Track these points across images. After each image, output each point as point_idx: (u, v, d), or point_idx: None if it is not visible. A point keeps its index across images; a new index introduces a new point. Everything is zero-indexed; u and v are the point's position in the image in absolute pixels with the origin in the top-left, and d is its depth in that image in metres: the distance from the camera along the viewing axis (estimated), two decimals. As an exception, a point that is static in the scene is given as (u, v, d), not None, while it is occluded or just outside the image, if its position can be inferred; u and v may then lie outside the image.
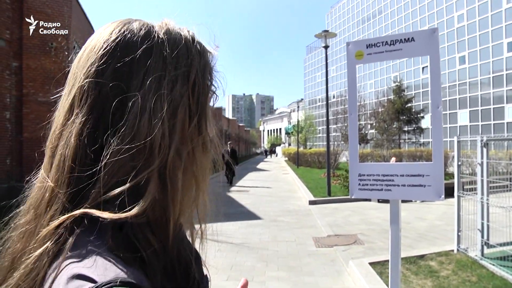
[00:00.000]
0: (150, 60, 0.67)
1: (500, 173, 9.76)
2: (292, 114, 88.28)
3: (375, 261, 6.66)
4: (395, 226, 2.08)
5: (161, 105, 0.66)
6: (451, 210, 10.44)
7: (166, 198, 0.65)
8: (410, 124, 36.34)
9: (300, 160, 34.51)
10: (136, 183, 0.61)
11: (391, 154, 23.83)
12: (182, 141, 0.68)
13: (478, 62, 47.72)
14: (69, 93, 0.70)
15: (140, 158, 0.63)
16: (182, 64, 0.70)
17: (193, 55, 0.73)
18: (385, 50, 2.08)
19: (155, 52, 0.69)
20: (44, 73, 13.40)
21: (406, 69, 59.29)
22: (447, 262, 6.59)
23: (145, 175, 0.62)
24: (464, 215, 7.17)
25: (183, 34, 0.74)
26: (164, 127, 0.65)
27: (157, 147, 0.64)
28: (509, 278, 5.68)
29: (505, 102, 44.24)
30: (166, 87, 0.67)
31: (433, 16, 55.19)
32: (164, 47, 0.70)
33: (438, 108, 1.93)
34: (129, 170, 0.62)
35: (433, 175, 1.97)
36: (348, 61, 2.23)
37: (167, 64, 0.69)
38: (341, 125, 39.17)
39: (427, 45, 1.97)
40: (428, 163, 2.00)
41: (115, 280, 0.51)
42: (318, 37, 16.90)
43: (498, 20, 45.22)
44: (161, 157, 0.64)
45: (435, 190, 1.97)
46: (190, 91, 0.70)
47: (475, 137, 7.04)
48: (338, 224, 10.58)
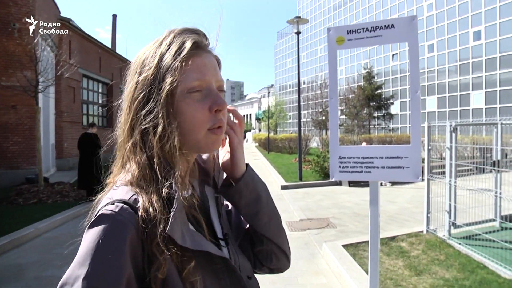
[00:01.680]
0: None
1: (465, 157, 10.07)
2: (262, 100, 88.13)
3: (348, 244, 6.83)
4: (375, 207, 2.16)
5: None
6: (419, 194, 10.76)
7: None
8: (380, 110, 36.86)
9: (271, 146, 34.55)
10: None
11: (361, 139, 24.21)
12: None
13: (446, 50, 48.68)
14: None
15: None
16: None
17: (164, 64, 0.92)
18: (366, 36, 2.14)
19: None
20: (7, 55, 12.78)
21: (377, 56, 59.91)
22: (417, 242, 6.82)
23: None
24: (433, 197, 7.41)
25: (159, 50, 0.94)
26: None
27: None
28: (473, 255, 5.97)
29: (471, 89, 45.39)
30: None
31: (403, 5, 55.81)
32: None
33: (417, 93, 2.00)
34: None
35: (411, 157, 2.05)
36: (329, 46, 2.28)
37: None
38: (311, 110, 39.39)
39: (406, 32, 2.04)
40: (407, 146, 2.07)
41: (118, 199, 0.83)
42: (290, 23, 16.85)
43: (465, 10, 46.14)
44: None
45: (413, 171, 2.05)
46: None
47: (444, 122, 7.25)
48: (310, 208, 10.75)
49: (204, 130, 0.94)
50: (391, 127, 39.56)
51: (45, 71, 12.08)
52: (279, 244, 1.17)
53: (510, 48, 40.82)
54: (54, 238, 7.78)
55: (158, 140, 0.88)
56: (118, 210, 0.80)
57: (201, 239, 0.90)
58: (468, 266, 5.64)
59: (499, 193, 6.77)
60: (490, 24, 42.97)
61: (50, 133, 17.28)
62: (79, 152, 11.18)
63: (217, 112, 0.94)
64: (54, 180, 13.76)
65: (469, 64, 45.54)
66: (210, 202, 1.09)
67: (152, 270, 0.80)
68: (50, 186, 12.31)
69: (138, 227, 0.80)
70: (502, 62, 41.74)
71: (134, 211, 0.82)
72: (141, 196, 0.85)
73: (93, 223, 0.80)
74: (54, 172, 17.46)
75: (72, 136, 18.46)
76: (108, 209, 0.81)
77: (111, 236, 0.77)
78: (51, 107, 17.38)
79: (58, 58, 13.99)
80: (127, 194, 0.86)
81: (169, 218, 0.81)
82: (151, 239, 0.81)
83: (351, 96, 37.58)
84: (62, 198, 11.02)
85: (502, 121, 6.98)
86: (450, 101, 48.20)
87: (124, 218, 0.80)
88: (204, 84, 0.94)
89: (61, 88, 17.78)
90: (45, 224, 8.29)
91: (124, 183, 0.90)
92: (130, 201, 0.84)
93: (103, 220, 0.79)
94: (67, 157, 18.74)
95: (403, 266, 5.76)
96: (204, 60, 0.96)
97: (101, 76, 24.23)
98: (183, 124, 0.92)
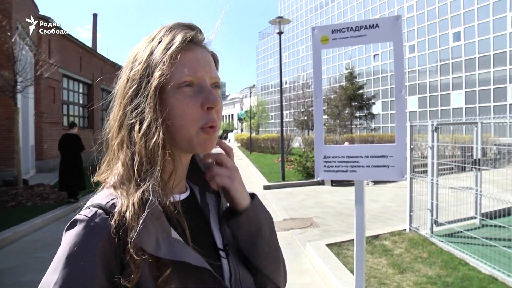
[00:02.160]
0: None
1: (446, 156, 10.20)
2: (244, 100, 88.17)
3: (331, 243, 6.85)
4: (360, 206, 2.16)
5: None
6: (402, 192, 10.86)
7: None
8: (362, 110, 37.27)
9: (253, 146, 34.53)
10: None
11: (343, 139, 24.35)
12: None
13: (426, 51, 49.41)
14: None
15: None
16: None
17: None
18: (350, 35, 2.14)
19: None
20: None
21: (358, 57, 60.44)
22: (400, 240, 6.89)
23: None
24: (415, 196, 7.50)
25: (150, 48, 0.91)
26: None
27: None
28: (455, 252, 6.06)
29: (451, 89, 46.16)
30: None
31: (384, 6, 56.45)
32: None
33: (401, 92, 2.01)
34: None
35: (396, 156, 2.05)
36: (313, 45, 2.27)
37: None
38: (293, 110, 39.54)
39: (391, 31, 2.05)
40: (392, 145, 2.08)
41: (94, 204, 0.83)
42: (272, 23, 16.86)
43: (444, 11, 46.88)
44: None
45: (398, 170, 2.06)
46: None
47: (426, 122, 7.35)
48: (293, 208, 10.77)
49: (196, 128, 0.89)
50: (373, 126, 39.99)
51: (24, 71, 11.87)
52: (274, 279, 1.11)
53: (488, 49, 41.58)
54: (34, 241, 7.60)
55: (143, 136, 0.85)
56: (91, 215, 0.79)
57: (181, 248, 0.83)
58: (450, 263, 5.73)
59: (480, 191, 6.87)
60: (469, 25, 43.74)
61: (29, 134, 16.96)
62: (60, 153, 10.99)
63: (209, 109, 0.90)
64: (34, 182, 13.50)
65: (449, 64, 46.31)
66: (211, 210, 1.05)
67: (123, 278, 0.77)
68: (30, 188, 12.07)
69: (110, 234, 0.78)
70: (481, 63, 42.51)
71: (108, 216, 0.80)
72: (120, 200, 0.82)
73: (67, 227, 0.80)
74: (34, 174, 17.16)
75: (53, 137, 18.12)
76: (82, 214, 0.80)
77: (82, 242, 0.76)
78: (30, 107, 17.05)
79: (37, 58, 13.74)
80: (106, 198, 0.84)
81: (138, 225, 0.77)
82: (123, 246, 0.78)
83: (333, 96, 37.87)
84: (42, 200, 10.82)
85: (482, 120, 7.10)
86: (431, 101, 48.91)
87: (96, 223, 0.78)
88: (196, 80, 0.90)
89: (40, 88, 17.45)
90: (24, 228, 8.10)
91: (109, 185, 0.88)
92: (107, 206, 0.82)
93: (76, 226, 0.79)
94: (47, 159, 18.42)
95: (387, 264, 5.80)
96: (197, 54, 0.92)
97: (81, 76, 23.89)
98: (173, 120, 0.87)
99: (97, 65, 26.16)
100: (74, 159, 10.62)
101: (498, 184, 6.78)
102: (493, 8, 41.19)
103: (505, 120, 6.56)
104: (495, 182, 6.97)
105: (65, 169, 10.67)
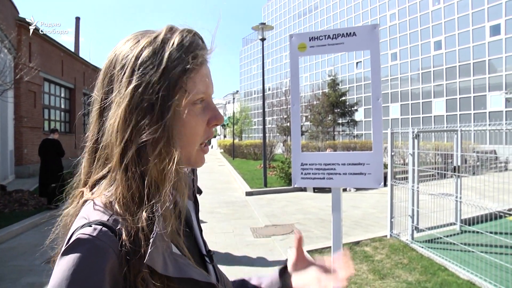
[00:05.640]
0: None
1: (428, 163, 10.31)
2: (227, 106, 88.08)
3: (313, 249, 6.87)
4: (337, 213, 2.16)
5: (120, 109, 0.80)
6: (383, 199, 10.94)
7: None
8: (344, 117, 37.51)
9: (236, 152, 34.51)
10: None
11: (326, 145, 24.50)
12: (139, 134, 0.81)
13: (408, 59, 50.02)
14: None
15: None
16: (151, 69, 0.82)
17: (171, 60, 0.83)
18: (328, 43, 2.15)
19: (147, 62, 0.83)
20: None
21: (341, 64, 60.86)
22: (381, 247, 6.93)
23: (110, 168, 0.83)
24: (396, 202, 7.56)
25: (170, 44, 0.85)
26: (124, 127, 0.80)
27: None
28: (435, 258, 6.13)
29: (433, 97, 46.74)
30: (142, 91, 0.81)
31: (367, 14, 57.04)
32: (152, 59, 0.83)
33: (378, 100, 2.03)
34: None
35: (373, 163, 2.06)
36: (291, 53, 2.28)
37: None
38: (276, 117, 39.62)
39: (368, 40, 2.06)
40: (369, 152, 2.09)
41: (96, 221, 0.75)
42: (255, 30, 16.96)
43: (426, 20, 47.58)
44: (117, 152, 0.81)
45: (375, 177, 2.06)
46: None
47: (406, 129, 7.43)
48: (275, 214, 10.76)
49: (198, 145, 0.90)
50: (356, 133, 40.31)
51: (2, 74, 11.69)
52: None
53: (468, 58, 42.27)
54: (10, 249, 7.42)
55: (157, 156, 0.79)
56: (96, 234, 0.72)
57: (186, 264, 0.82)
58: (430, 268, 5.78)
59: (459, 198, 6.96)
60: (449, 34, 44.42)
61: (8, 139, 16.65)
62: (40, 158, 10.83)
63: (213, 126, 0.91)
64: (12, 187, 13.23)
65: (431, 72, 46.93)
66: (193, 216, 1.04)
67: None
68: (8, 194, 11.86)
69: (119, 254, 0.72)
70: (461, 71, 43.16)
71: (114, 234, 0.73)
72: (124, 218, 0.76)
73: (68, 249, 0.71)
74: (12, 179, 16.85)
75: (33, 142, 17.83)
76: (85, 233, 0.72)
77: (89, 264, 0.69)
78: (10, 111, 16.74)
79: (17, 61, 13.54)
80: (105, 215, 0.77)
81: (149, 246, 0.73)
82: (134, 269, 0.73)
83: (316, 103, 38.05)
84: (20, 206, 10.60)
85: (462, 127, 7.20)
86: (412, 108, 49.45)
87: (103, 243, 0.71)
88: (206, 96, 0.89)
89: (20, 92, 17.16)
90: (0, 235, 7.87)
91: (104, 200, 0.80)
92: (109, 223, 0.75)
93: (80, 246, 0.70)
94: (27, 164, 18.09)
95: (367, 270, 5.83)
96: (206, 70, 0.90)
97: (63, 81, 23.56)
98: (183, 137, 0.85)
99: (80, 69, 25.88)
100: (54, 165, 10.47)
101: (478, 190, 6.88)
102: (472, 18, 41.93)
103: (484, 127, 6.65)
104: (475, 188, 7.08)
105: (45, 175, 10.51)
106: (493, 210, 5.78)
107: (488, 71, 40.44)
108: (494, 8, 39.51)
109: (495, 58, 39.76)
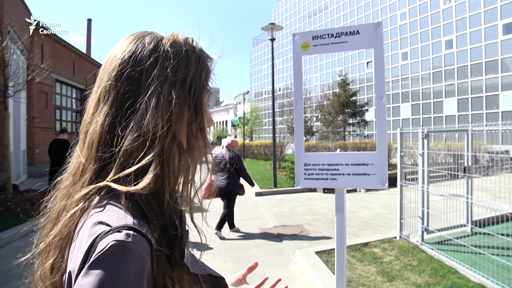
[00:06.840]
0: (155, 69, 0.85)
1: (439, 163, 10.21)
2: (238, 107, 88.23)
3: (321, 250, 6.81)
4: (340, 214, 2.13)
5: (161, 105, 0.83)
6: (393, 200, 10.85)
7: (163, 176, 0.82)
8: (355, 117, 37.32)
9: (247, 152, 34.57)
10: (142, 165, 0.79)
11: (336, 146, 24.40)
12: (179, 132, 0.86)
13: (419, 58, 49.71)
14: (96, 90, 0.90)
15: (145, 145, 0.80)
16: (181, 71, 0.87)
17: (191, 62, 0.90)
18: (331, 42, 2.12)
19: (160, 63, 0.86)
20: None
21: (351, 64, 60.70)
22: (390, 248, 6.86)
23: (149, 159, 0.80)
24: (406, 203, 7.50)
25: (186, 45, 0.92)
26: (163, 122, 0.82)
27: (157, 137, 0.81)
28: (445, 260, 6.04)
29: (444, 97, 46.39)
30: (166, 90, 0.84)
31: (377, 13, 56.78)
32: (168, 58, 0.87)
33: (382, 99, 1.99)
34: (138, 154, 0.80)
35: (377, 164, 2.02)
36: (294, 52, 2.25)
37: (169, 71, 0.86)
38: (287, 117, 39.56)
39: (371, 39, 2.02)
40: (372, 153, 2.05)
41: (124, 226, 0.71)
42: (265, 30, 16.93)
43: (437, 19, 47.25)
44: (160, 145, 0.81)
45: (379, 178, 2.03)
46: (187, 92, 0.88)
47: (416, 129, 7.34)
48: (284, 215, 10.73)
49: None
50: (366, 133, 40.09)
51: (15, 76, 11.78)
52: None
53: (480, 57, 41.87)
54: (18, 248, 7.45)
55: (188, 153, 0.89)
56: (131, 239, 0.69)
57: (201, 262, 0.90)
58: (440, 271, 5.70)
59: (470, 199, 6.86)
60: (461, 33, 44.04)
61: (21, 139, 16.81)
62: (50, 158, 10.92)
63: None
64: (25, 187, 13.39)
65: (442, 72, 46.56)
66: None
67: None
68: (20, 193, 11.97)
69: (151, 257, 0.72)
70: (473, 70, 42.77)
71: (145, 238, 0.72)
72: (147, 221, 0.77)
73: (101, 258, 0.67)
74: (25, 179, 17.01)
75: (45, 143, 17.95)
76: (119, 239, 0.68)
77: (131, 272, 0.67)
78: (22, 112, 16.91)
79: (29, 62, 13.64)
80: (126, 218, 0.75)
81: (182, 245, 0.80)
82: (161, 270, 0.75)
83: (326, 103, 37.92)
84: (31, 206, 10.71)
85: (472, 127, 7.10)
86: (423, 108, 49.15)
87: (140, 248, 0.70)
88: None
89: (32, 93, 17.33)
90: (10, 234, 7.97)
91: (122, 202, 0.78)
92: (138, 227, 0.73)
93: (117, 253, 0.67)
94: (39, 164, 18.26)
95: (376, 272, 5.77)
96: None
97: (74, 82, 23.78)
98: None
99: (91, 70, 26.07)
100: (63, 164, 10.54)
101: (490, 191, 6.78)
102: (484, 16, 41.54)
103: (496, 127, 6.55)
104: (487, 189, 6.98)
105: (55, 174, 10.57)
106: (506, 212, 5.69)
107: (500, 70, 40.04)
108: (507, 6, 39.10)
109: (508, 57, 39.35)
